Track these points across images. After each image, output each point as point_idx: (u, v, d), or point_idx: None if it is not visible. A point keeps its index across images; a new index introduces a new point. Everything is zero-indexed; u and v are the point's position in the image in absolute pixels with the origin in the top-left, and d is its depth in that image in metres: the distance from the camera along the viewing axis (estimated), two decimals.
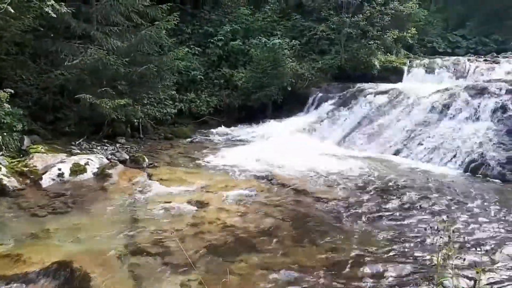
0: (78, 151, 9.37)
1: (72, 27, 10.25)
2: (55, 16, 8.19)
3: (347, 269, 4.56)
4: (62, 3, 8.37)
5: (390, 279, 4.34)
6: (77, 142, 10.09)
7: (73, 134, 10.37)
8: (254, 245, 5.17)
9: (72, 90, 10.14)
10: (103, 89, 9.83)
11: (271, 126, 13.68)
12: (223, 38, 15.85)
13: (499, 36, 21.81)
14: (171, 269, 4.46)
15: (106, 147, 10.24)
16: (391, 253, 4.94)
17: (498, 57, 16.30)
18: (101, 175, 7.91)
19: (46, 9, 7.95)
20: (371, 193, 7.34)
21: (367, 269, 4.55)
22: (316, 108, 14.62)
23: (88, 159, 8.28)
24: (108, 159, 8.94)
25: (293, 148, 10.82)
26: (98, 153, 9.39)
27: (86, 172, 7.90)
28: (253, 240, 5.33)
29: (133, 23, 11.44)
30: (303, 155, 9.93)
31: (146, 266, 4.56)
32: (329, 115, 13.53)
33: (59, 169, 7.67)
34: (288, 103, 14.90)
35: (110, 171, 7.99)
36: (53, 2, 7.95)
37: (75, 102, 10.25)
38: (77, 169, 7.84)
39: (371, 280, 4.31)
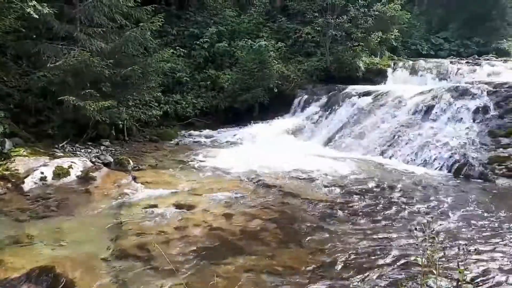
0: (62, 154, 9.20)
1: (54, 28, 10.06)
2: (37, 17, 8.03)
3: (333, 270, 4.59)
4: (44, 4, 8.22)
5: (375, 279, 4.38)
6: (60, 145, 9.92)
7: (56, 137, 10.17)
8: (241, 248, 5.16)
9: (55, 92, 9.95)
10: (87, 91, 9.68)
11: (258, 128, 13.71)
12: (208, 39, 15.85)
13: (480, 39, 22.28)
14: (157, 273, 4.41)
15: (90, 150, 10.09)
16: (376, 254, 4.98)
17: (480, 59, 16.67)
18: (85, 178, 7.78)
19: (28, 10, 7.79)
20: (356, 194, 7.40)
21: (352, 270, 4.58)
22: (302, 109, 14.74)
23: (72, 162, 8.14)
24: (92, 162, 8.81)
25: (280, 150, 10.87)
26: (82, 156, 9.25)
27: (69, 175, 7.77)
28: (239, 242, 5.32)
29: (117, 24, 11.33)
30: (290, 157, 9.96)
31: (131, 271, 4.49)
32: (314, 117, 13.66)
33: (42, 173, 7.53)
34: (275, 105, 14.96)
35: (94, 174, 7.87)
36: (35, 2, 7.79)
37: (58, 104, 10.05)
38: (60, 173, 7.70)
39: (356, 281, 4.34)
